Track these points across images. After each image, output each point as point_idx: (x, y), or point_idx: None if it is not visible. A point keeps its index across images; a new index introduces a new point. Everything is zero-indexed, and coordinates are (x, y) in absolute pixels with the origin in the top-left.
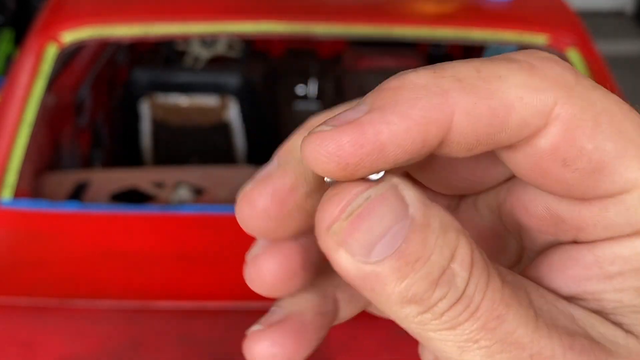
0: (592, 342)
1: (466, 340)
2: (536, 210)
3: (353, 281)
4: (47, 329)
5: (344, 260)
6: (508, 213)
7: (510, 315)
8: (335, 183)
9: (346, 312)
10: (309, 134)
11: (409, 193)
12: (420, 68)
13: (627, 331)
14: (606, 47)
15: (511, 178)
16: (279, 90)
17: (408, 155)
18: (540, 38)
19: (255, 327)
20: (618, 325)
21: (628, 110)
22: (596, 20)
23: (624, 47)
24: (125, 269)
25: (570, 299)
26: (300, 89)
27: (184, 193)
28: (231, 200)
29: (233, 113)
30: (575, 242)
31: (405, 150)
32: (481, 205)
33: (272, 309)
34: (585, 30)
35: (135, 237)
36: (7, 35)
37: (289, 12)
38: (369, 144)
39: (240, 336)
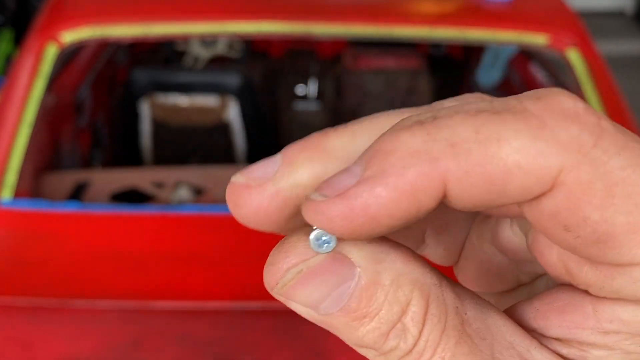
0: None
1: None
2: (550, 257)
3: (314, 321)
4: (47, 329)
5: (298, 308)
6: (528, 246)
7: None
8: (287, 237)
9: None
10: (306, 201)
11: (359, 254)
12: (415, 123)
13: None
14: (606, 47)
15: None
16: (279, 90)
17: (403, 221)
18: (540, 38)
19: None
20: None
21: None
22: (596, 20)
23: (624, 47)
24: (125, 269)
25: (555, 340)
26: (300, 89)
27: (184, 193)
28: None
29: (233, 113)
30: (573, 284)
31: (398, 219)
32: (502, 229)
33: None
34: (585, 30)
35: (135, 237)
36: (7, 35)
37: (289, 12)
38: (358, 218)
39: (240, 336)
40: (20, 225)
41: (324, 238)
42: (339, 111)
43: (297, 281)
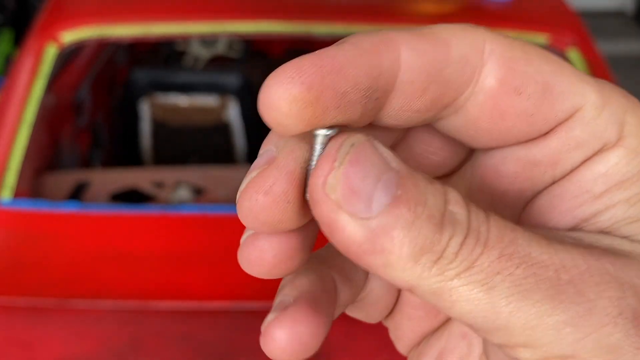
0: (605, 250)
1: (488, 274)
2: (508, 168)
3: (359, 249)
4: (47, 329)
5: (348, 225)
6: (478, 189)
7: (520, 239)
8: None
9: (345, 295)
10: (269, 79)
11: (385, 149)
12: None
13: (632, 241)
14: (606, 47)
15: (468, 160)
16: None
17: (367, 79)
18: (541, 38)
19: (269, 318)
20: (620, 237)
21: (529, 43)
22: (596, 20)
23: (624, 47)
24: (125, 269)
25: (569, 231)
26: None
27: (184, 193)
28: (231, 200)
29: (233, 113)
30: (554, 182)
31: (364, 72)
32: None
33: (278, 299)
34: (585, 30)
35: (135, 237)
36: (7, 35)
37: (289, 12)
38: (327, 65)
39: (240, 336)
40: (20, 225)
41: (329, 132)
42: None
43: (349, 161)
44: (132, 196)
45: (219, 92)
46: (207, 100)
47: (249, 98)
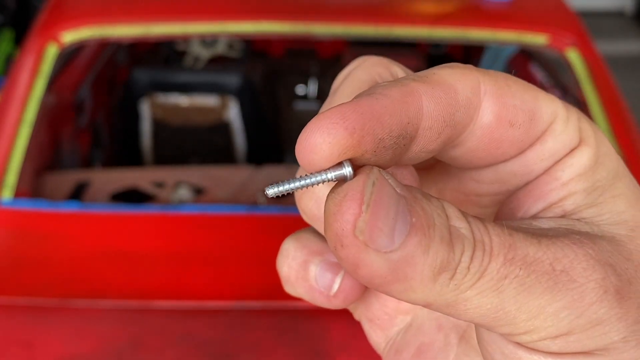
0: (582, 233)
1: (497, 280)
2: (487, 177)
3: (384, 281)
4: (47, 329)
5: (374, 262)
6: (454, 189)
7: (518, 242)
8: (333, 189)
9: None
10: (312, 123)
11: (389, 176)
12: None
13: (588, 223)
14: (606, 47)
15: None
16: (279, 90)
17: (399, 127)
18: (540, 38)
19: (338, 278)
20: (581, 220)
21: (506, 75)
22: (596, 20)
23: (624, 47)
24: (126, 268)
25: (537, 215)
26: (300, 89)
27: (184, 193)
28: (231, 200)
29: (233, 113)
30: (527, 183)
31: (396, 121)
32: None
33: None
34: (585, 30)
35: (135, 236)
36: (7, 35)
37: (289, 12)
38: (367, 112)
39: (240, 336)
40: (21, 225)
41: (349, 168)
42: None
43: (374, 202)
44: (132, 196)
45: (219, 92)
46: (207, 100)
47: (249, 98)
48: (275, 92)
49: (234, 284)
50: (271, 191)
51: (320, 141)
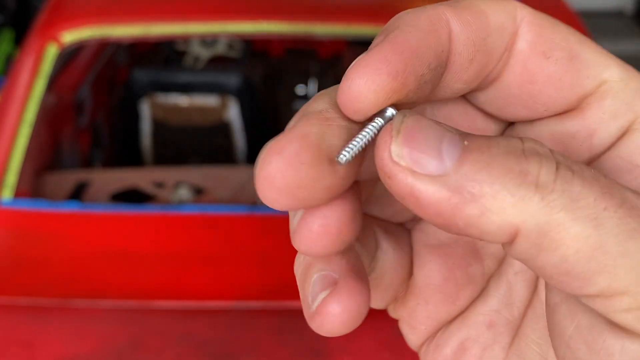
0: None
1: (596, 209)
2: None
3: (450, 205)
4: (47, 329)
5: (429, 186)
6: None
7: (613, 183)
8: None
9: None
10: (359, 58)
11: (437, 121)
12: None
13: None
14: (606, 47)
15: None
16: (279, 90)
17: (436, 58)
18: None
19: (321, 295)
20: None
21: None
22: (596, 20)
23: (624, 47)
24: (126, 268)
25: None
26: (300, 89)
27: (184, 193)
28: (231, 200)
29: (233, 113)
30: (591, 162)
31: (433, 52)
32: None
33: (316, 275)
34: (585, 30)
35: (135, 237)
36: (7, 35)
37: (289, 12)
38: (406, 51)
39: (240, 336)
40: (21, 225)
41: (393, 111)
42: None
43: (406, 127)
44: (132, 196)
45: (219, 92)
46: (207, 100)
47: (249, 98)
48: (275, 92)
49: (234, 284)
50: (344, 159)
51: (365, 90)
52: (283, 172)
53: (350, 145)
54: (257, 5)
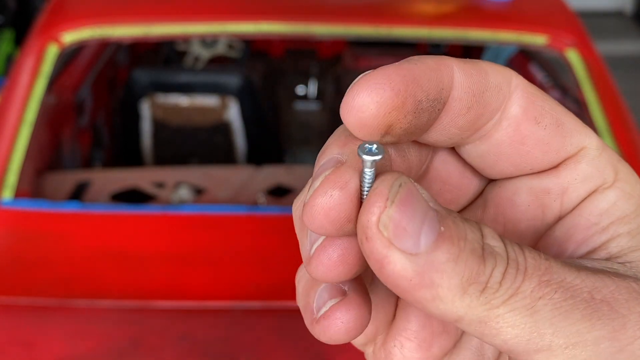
0: (620, 274)
1: (532, 300)
2: (521, 198)
3: (409, 284)
4: (47, 329)
5: (399, 261)
6: (492, 221)
7: (554, 267)
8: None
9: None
10: (364, 74)
11: (423, 190)
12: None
13: (636, 266)
14: (606, 47)
15: (479, 197)
16: (279, 90)
17: (435, 91)
18: (540, 38)
19: (328, 303)
20: (626, 264)
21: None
22: (596, 20)
23: (624, 47)
24: (126, 268)
25: (582, 257)
26: (300, 89)
27: (184, 193)
28: (231, 200)
29: (233, 113)
30: (560, 217)
31: (433, 85)
32: None
33: (323, 286)
34: (585, 30)
35: (135, 237)
36: (8, 35)
37: (289, 12)
38: (408, 75)
39: (240, 336)
40: (21, 225)
41: (374, 147)
42: (338, 111)
43: (400, 200)
44: (132, 196)
45: (219, 92)
46: (208, 100)
47: (249, 98)
48: (275, 92)
49: (234, 284)
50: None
51: (368, 100)
52: (342, 206)
53: (366, 188)
54: (257, 6)
